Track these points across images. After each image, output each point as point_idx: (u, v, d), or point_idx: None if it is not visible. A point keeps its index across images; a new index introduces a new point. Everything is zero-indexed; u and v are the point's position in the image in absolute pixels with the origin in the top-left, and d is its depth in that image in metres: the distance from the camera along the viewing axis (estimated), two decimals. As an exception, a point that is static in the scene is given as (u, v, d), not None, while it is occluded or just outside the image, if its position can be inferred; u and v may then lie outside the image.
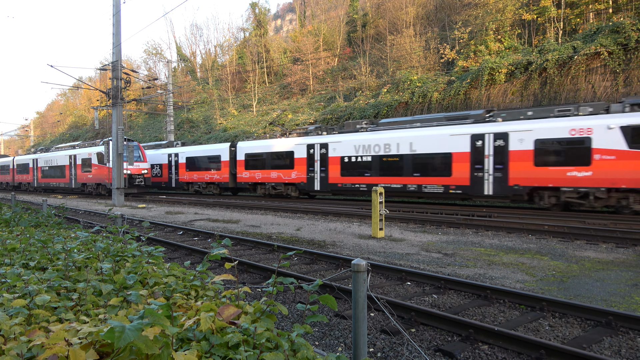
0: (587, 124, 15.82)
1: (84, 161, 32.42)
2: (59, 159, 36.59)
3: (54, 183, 37.47)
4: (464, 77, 26.84)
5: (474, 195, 18.51)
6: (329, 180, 23.08)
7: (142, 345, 1.58)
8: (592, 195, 15.65)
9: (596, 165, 15.44)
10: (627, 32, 21.06)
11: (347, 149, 22.36)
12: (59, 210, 10.44)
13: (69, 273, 3.11)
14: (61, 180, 36.14)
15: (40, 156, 40.39)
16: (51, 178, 37.83)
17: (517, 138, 17.17)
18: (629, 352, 4.52)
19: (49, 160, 38.54)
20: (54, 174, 37.33)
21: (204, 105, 50.34)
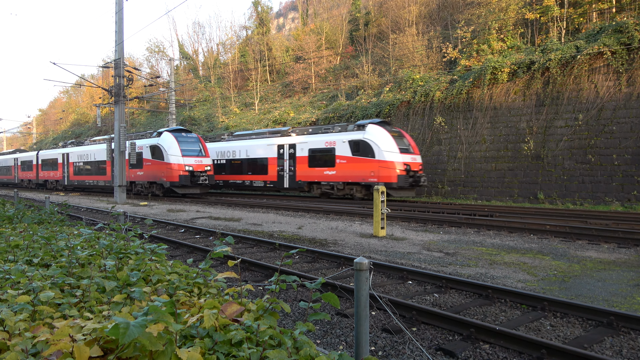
0: (332, 138, 23.73)
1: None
2: (98, 153, 31.92)
3: (90, 181, 33.00)
4: (466, 76, 26.78)
5: (281, 188, 26.15)
6: None
7: (146, 342, 1.59)
8: (336, 188, 23.55)
9: (337, 167, 23.11)
10: (631, 32, 20.98)
11: (213, 154, 30.19)
12: (61, 207, 10.47)
13: (72, 270, 3.13)
14: (100, 177, 31.84)
15: (73, 150, 35.76)
16: (87, 175, 33.52)
17: (300, 148, 24.99)
18: (631, 353, 4.53)
19: (84, 155, 33.95)
20: (91, 171, 32.95)
21: (206, 103, 50.36)
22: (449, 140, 25.90)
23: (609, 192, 19.56)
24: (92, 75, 73.61)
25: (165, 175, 25.69)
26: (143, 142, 27.87)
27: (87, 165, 33.58)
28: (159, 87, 41.91)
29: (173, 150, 25.58)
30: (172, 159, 25.36)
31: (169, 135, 26.37)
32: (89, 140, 36.37)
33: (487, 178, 23.61)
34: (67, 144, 39.23)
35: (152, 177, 26.92)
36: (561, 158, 21.41)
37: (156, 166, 26.46)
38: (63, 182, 37.25)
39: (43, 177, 40.55)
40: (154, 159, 26.52)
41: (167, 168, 25.40)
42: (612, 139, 20.16)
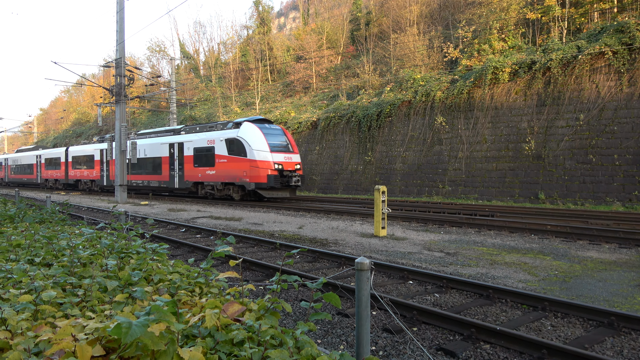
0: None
1: (201, 152, 24.43)
2: (152, 148, 28.00)
3: (140, 182, 29.23)
4: (467, 76, 26.77)
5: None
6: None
7: (148, 341, 1.59)
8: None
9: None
10: (632, 32, 20.95)
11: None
12: (63, 206, 10.48)
13: (74, 269, 3.13)
14: (154, 177, 27.74)
15: None
16: (135, 174, 29.77)
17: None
18: (631, 353, 4.53)
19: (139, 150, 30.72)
20: (141, 169, 29.34)
21: (206, 102, 50.37)
22: (449, 140, 25.88)
23: (610, 192, 19.55)
24: (93, 75, 73.68)
25: (248, 175, 21.55)
26: (214, 135, 23.56)
27: (138, 163, 29.44)
28: (160, 87, 41.91)
29: (259, 144, 21.55)
30: (257, 155, 21.36)
31: (251, 126, 22.31)
32: (134, 133, 32.01)
33: (488, 178, 23.60)
34: (104, 138, 33.83)
35: (228, 177, 22.68)
36: (562, 158, 21.39)
37: (235, 164, 22.17)
38: (101, 183, 32.89)
39: (74, 176, 36.30)
40: (231, 155, 22.28)
41: (251, 166, 21.41)
42: (613, 139, 20.14)
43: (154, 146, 27.64)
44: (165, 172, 26.59)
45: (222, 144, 22.65)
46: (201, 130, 25.00)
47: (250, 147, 21.30)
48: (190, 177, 24.67)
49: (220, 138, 22.74)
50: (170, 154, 26.04)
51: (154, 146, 27.64)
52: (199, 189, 24.72)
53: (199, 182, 24.41)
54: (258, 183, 20.93)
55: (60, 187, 39.84)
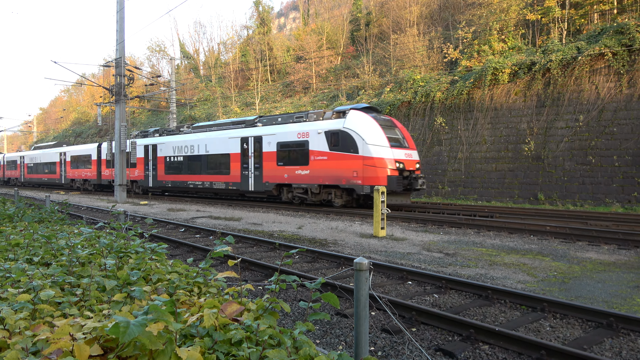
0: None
1: (289, 147, 19.70)
2: (215, 143, 23.34)
3: (200, 183, 24.25)
4: (467, 77, 26.78)
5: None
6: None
7: (146, 341, 1.59)
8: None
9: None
10: (632, 33, 20.98)
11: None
12: (62, 206, 10.48)
13: (72, 268, 3.13)
14: (218, 177, 23.20)
15: (167, 141, 26.77)
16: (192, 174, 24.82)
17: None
18: (630, 354, 4.53)
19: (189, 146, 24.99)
20: (201, 168, 24.26)
21: (206, 102, 50.37)
22: (449, 140, 25.90)
23: (610, 194, 19.56)
24: (93, 74, 73.72)
25: (360, 176, 17.06)
26: (307, 127, 19.12)
27: (193, 161, 24.65)
28: (160, 87, 41.92)
29: (374, 137, 17.09)
30: (374, 150, 16.88)
31: (362, 115, 17.82)
32: (187, 126, 27.68)
33: (488, 179, 23.60)
34: (148, 132, 29.75)
35: (328, 177, 18.07)
36: (561, 159, 21.40)
37: (340, 162, 17.70)
38: (146, 183, 28.36)
39: (109, 176, 31.63)
40: (334, 150, 17.83)
41: (364, 165, 16.95)
42: (612, 140, 20.16)
43: (217, 141, 23.08)
44: (236, 171, 22.09)
45: (319, 138, 18.30)
46: (285, 121, 20.68)
47: (363, 141, 16.99)
48: (272, 178, 20.26)
49: (318, 130, 18.37)
50: (243, 150, 21.61)
51: (217, 141, 23.08)
52: (283, 192, 20.39)
53: (283, 184, 20.14)
54: (375, 186, 15.50)
55: (89, 189, 35.11)
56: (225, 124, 24.09)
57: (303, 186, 19.13)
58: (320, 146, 18.35)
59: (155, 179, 27.47)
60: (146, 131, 30.00)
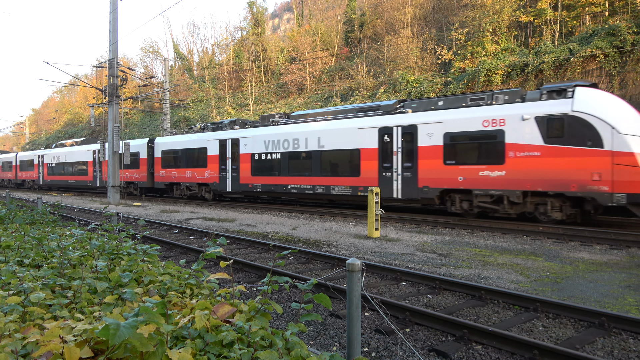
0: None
1: (467, 140, 14.83)
2: (337, 136, 18.01)
3: (313, 187, 18.67)
4: (460, 78, 26.90)
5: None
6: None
7: (137, 343, 1.58)
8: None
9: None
10: (623, 35, 21.17)
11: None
12: (54, 207, 10.40)
13: (64, 271, 3.11)
14: (344, 181, 17.71)
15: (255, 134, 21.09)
16: (311, 177, 18.80)
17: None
18: (622, 353, 4.56)
19: (291, 140, 19.53)
20: (303, 168, 19.07)
21: (200, 103, 50.26)
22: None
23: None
24: (86, 75, 73.33)
25: (606, 180, 12.28)
26: (500, 112, 14.16)
27: (298, 159, 19.15)
28: (153, 88, 41.78)
29: (631, 125, 12.47)
30: (634, 143, 12.16)
31: (603, 95, 13.34)
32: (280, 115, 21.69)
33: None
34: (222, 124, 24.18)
35: (543, 181, 13.18)
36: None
37: (566, 159, 12.91)
38: (221, 187, 22.66)
39: (165, 178, 25.71)
40: (554, 143, 13.06)
41: (616, 164, 12.20)
42: (604, 141, 20.23)
43: (339, 133, 17.77)
44: (370, 172, 16.86)
45: (524, 126, 13.40)
46: (454, 104, 15.52)
47: (612, 131, 12.17)
48: (434, 182, 15.25)
49: (524, 115, 13.38)
50: (383, 144, 16.53)
51: (339, 133, 17.77)
52: (454, 200, 15.10)
53: (455, 190, 15.02)
54: (634, 194, 11.92)
55: (135, 193, 29.47)
56: (346, 112, 18.73)
57: (493, 193, 13.96)
58: (525, 137, 13.39)
59: (235, 182, 21.87)
60: (219, 123, 24.56)
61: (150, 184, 27.48)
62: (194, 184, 24.44)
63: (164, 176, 26.07)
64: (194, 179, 24.02)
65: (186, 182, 24.71)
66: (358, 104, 19.83)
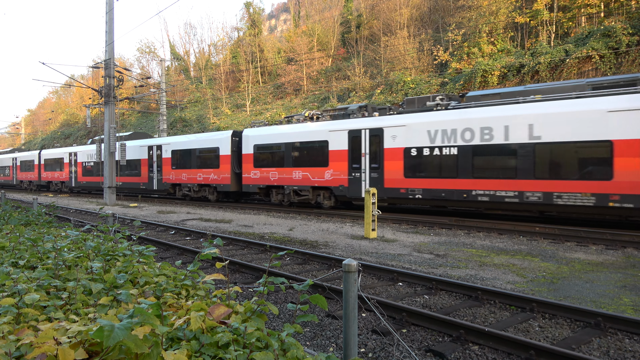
0: None
1: None
2: (566, 123, 12.89)
3: (521, 195, 13.50)
4: (457, 78, 26.95)
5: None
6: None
7: (132, 344, 1.57)
8: None
9: None
10: (618, 36, 21.27)
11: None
12: (49, 208, 10.35)
13: (58, 272, 3.09)
14: (582, 186, 12.59)
15: (411, 121, 15.91)
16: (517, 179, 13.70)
17: None
18: (617, 353, 4.57)
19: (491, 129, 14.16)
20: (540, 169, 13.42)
21: (197, 104, 50.18)
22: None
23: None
24: (82, 76, 73.11)
25: None
26: None
27: (490, 155, 14.27)
28: (150, 88, 41.66)
29: None
30: None
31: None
32: (442, 97, 16.41)
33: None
34: (348, 109, 19.34)
35: None
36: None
37: None
38: (355, 192, 17.49)
39: (260, 180, 20.84)
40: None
41: None
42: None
43: (567, 118, 12.71)
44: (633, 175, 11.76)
45: None
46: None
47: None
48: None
49: None
50: None
51: (567, 118, 12.71)
52: None
53: None
54: None
55: (210, 198, 24.19)
56: (573, 88, 13.36)
57: None
58: None
59: (379, 185, 16.55)
60: (342, 109, 19.74)
61: (235, 187, 22.40)
62: (305, 187, 19.08)
63: (257, 177, 20.89)
64: (306, 181, 18.93)
65: (293, 185, 19.43)
66: (592, 79, 13.91)
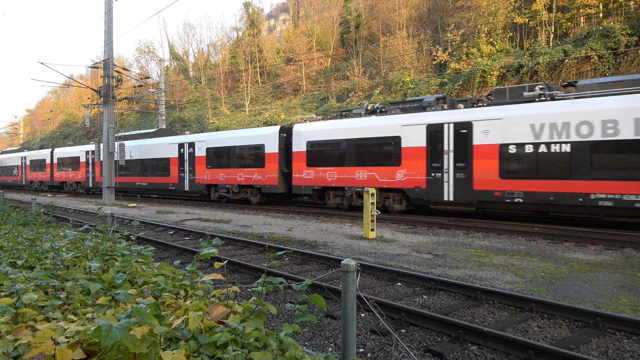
0: None
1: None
2: None
3: None
4: (456, 79, 26.97)
5: None
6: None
7: (130, 344, 1.57)
8: None
9: None
10: (617, 37, 21.29)
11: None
12: (48, 208, 10.34)
13: (57, 272, 3.08)
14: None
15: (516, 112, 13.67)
16: None
17: None
18: (616, 353, 4.57)
19: None
20: None
21: (196, 104, 50.14)
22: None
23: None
24: (81, 76, 73.03)
25: None
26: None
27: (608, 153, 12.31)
28: (149, 88, 41.62)
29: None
30: None
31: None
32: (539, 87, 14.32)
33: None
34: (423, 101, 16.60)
35: None
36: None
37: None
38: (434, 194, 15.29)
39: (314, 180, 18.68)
40: None
41: None
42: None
43: None
44: None
45: None
46: None
47: None
48: None
49: None
50: None
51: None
52: None
53: None
54: None
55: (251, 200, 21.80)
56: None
57: None
58: None
59: (463, 186, 14.49)
60: (416, 100, 16.84)
61: (282, 188, 20.04)
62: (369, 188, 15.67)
63: (310, 178, 18.72)
64: (373, 182, 16.78)
65: (356, 187, 17.36)
66: None
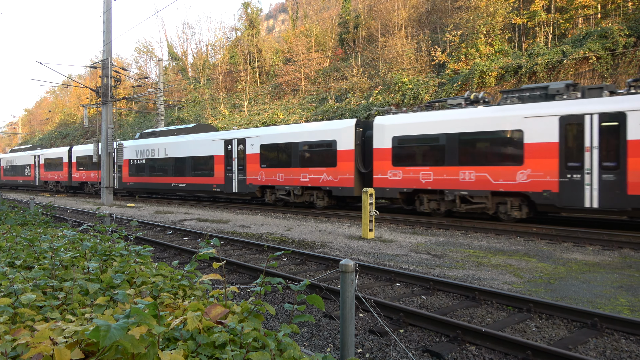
0: None
1: None
2: None
3: None
4: (454, 79, 26.99)
5: None
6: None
7: (128, 345, 1.57)
8: None
9: None
10: (615, 38, 21.33)
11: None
12: (46, 208, 10.33)
13: (55, 272, 3.08)
14: None
15: None
16: None
17: None
18: (614, 353, 4.58)
19: None
20: None
21: (195, 104, 50.10)
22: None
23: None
24: (80, 76, 72.92)
25: None
26: None
27: None
28: (148, 88, 41.58)
29: None
30: None
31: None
32: None
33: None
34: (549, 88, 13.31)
35: None
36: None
37: None
38: (569, 199, 12.41)
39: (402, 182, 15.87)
40: None
41: None
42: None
43: None
44: None
45: None
46: None
47: None
48: None
49: None
50: None
51: None
52: None
53: None
54: None
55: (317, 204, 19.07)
56: None
57: None
58: None
59: (616, 190, 11.67)
60: (540, 88, 13.73)
61: (359, 190, 17.34)
62: (481, 192, 13.92)
63: (398, 179, 15.85)
64: (484, 184, 13.85)
65: (461, 190, 14.32)
66: None
